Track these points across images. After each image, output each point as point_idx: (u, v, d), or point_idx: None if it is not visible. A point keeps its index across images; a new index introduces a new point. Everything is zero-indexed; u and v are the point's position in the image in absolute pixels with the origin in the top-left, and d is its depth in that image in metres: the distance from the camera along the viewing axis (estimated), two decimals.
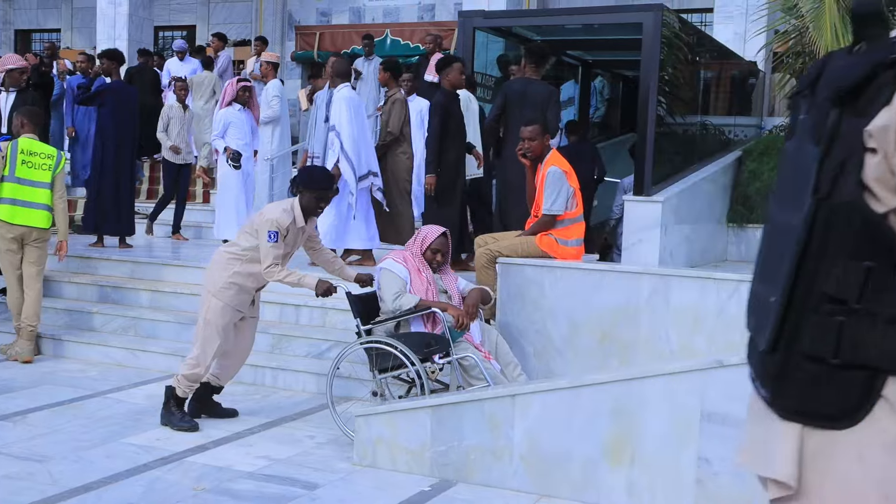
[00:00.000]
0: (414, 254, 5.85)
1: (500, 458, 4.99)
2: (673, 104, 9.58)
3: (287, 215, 5.70)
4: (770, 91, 13.16)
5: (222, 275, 5.77)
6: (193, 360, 5.84)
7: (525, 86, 8.18)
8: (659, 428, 4.64)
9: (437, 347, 5.56)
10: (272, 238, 5.62)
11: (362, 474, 5.18)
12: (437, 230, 5.93)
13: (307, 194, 5.74)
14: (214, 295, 5.77)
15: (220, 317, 5.78)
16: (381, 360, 5.61)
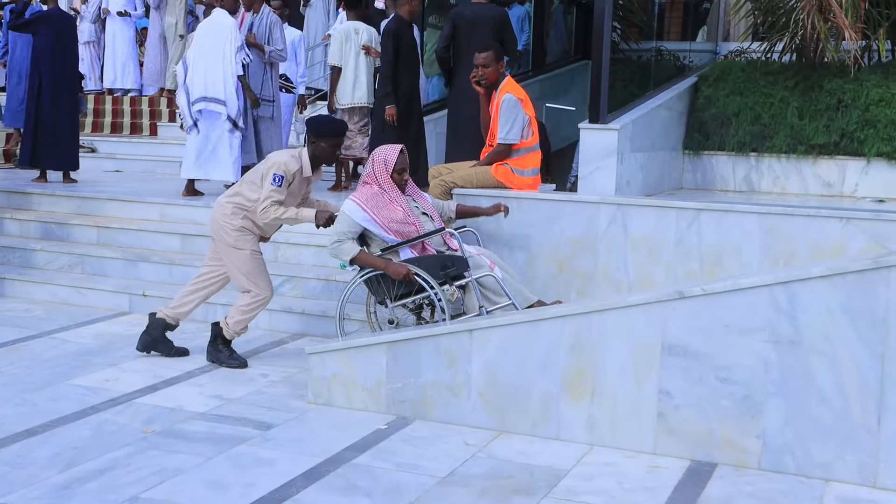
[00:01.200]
0: (382, 182, 5.53)
1: (457, 395, 4.90)
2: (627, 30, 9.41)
3: (295, 161, 5.55)
4: (725, 16, 12.98)
5: (231, 223, 5.62)
6: (246, 306, 5.75)
7: (474, 11, 7.96)
8: (619, 361, 4.57)
9: (454, 269, 5.39)
10: (276, 181, 5.47)
11: (317, 413, 5.07)
12: (395, 148, 5.62)
13: (322, 143, 5.57)
14: (235, 247, 5.64)
15: (253, 262, 5.70)
16: (395, 286, 5.43)
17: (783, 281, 4.23)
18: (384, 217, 5.45)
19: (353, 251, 5.42)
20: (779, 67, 10.08)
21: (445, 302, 5.31)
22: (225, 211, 5.65)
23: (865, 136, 9.36)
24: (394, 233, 5.45)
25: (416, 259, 5.43)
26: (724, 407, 4.39)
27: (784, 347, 4.26)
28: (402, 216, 5.46)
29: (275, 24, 8.47)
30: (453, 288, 5.37)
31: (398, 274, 5.33)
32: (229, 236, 5.64)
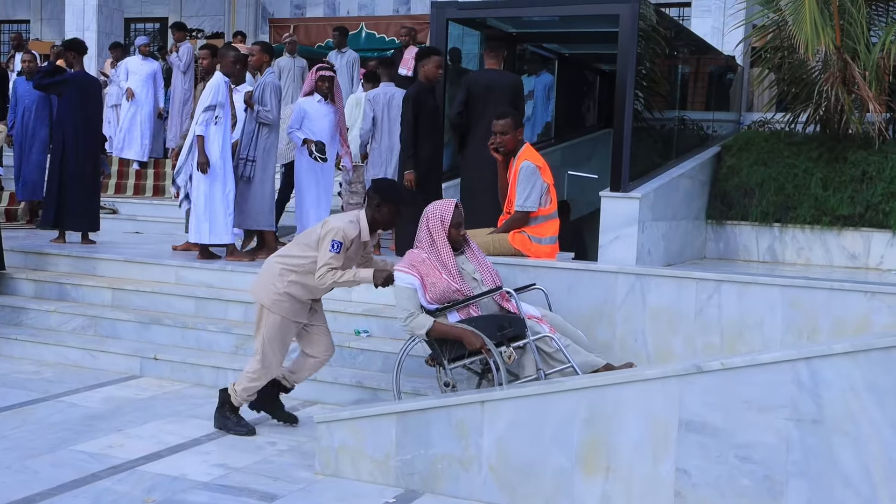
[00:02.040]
0: (436, 238, 5.35)
1: (468, 468, 4.75)
2: (650, 99, 9.36)
3: (353, 227, 5.42)
4: (748, 86, 12.98)
5: (276, 286, 5.51)
6: (253, 373, 5.63)
7: (490, 78, 7.95)
8: (635, 437, 4.42)
9: (511, 329, 5.21)
10: (335, 248, 5.34)
11: (324, 484, 4.92)
12: (449, 203, 5.45)
13: (385, 207, 5.44)
14: (269, 308, 5.53)
15: (278, 330, 5.56)
16: (451, 347, 5.29)
17: (806, 357, 4.09)
18: (428, 280, 5.30)
19: (427, 324, 5.24)
20: (802, 138, 10.02)
21: (502, 364, 5.13)
22: (273, 270, 5.53)
23: (891, 209, 9.24)
24: (433, 299, 5.32)
25: (470, 320, 5.27)
26: (744, 487, 4.21)
27: (806, 426, 4.10)
28: (445, 285, 5.30)
29: (268, 85, 8.51)
30: (510, 349, 5.17)
31: (474, 344, 5.16)
32: (268, 297, 5.51)
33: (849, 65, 9.23)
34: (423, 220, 5.46)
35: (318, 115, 8.78)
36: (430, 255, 5.36)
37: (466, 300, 5.32)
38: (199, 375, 6.89)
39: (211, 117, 8.17)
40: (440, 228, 5.38)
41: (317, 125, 8.74)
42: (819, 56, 9.34)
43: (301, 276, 5.47)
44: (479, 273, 5.50)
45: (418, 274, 5.30)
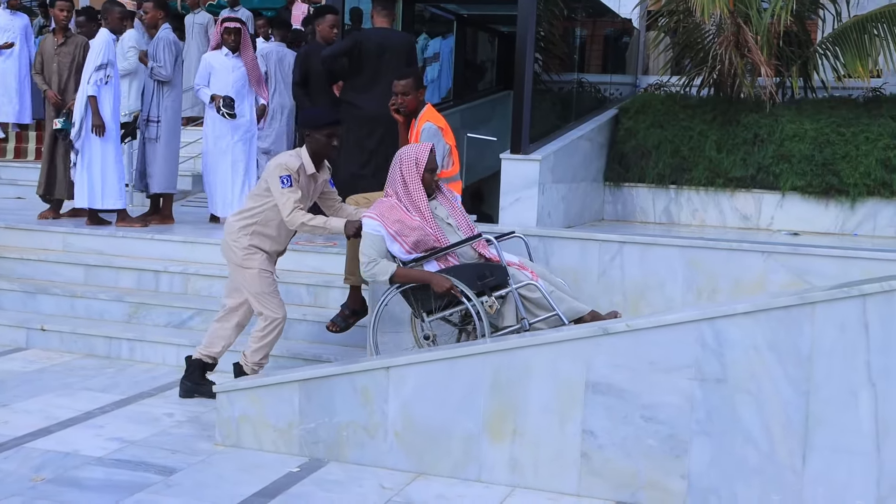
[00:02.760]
0: (409, 182, 5.10)
1: (373, 435, 4.68)
2: (549, 61, 9.35)
3: (294, 159, 5.25)
4: (644, 49, 13.10)
5: (239, 241, 5.35)
6: (262, 331, 5.43)
7: (382, 35, 7.60)
8: (542, 400, 4.41)
9: (493, 278, 4.99)
10: (286, 182, 5.16)
11: (225, 455, 4.78)
12: (425, 146, 5.22)
13: (315, 135, 5.27)
14: (241, 265, 5.36)
15: (261, 281, 5.37)
16: (428, 300, 5.05)
17: (709, 317, 4.12)
18: (400, 230, 5.06)
19: (389, 269, 5.01)
20: (697, 101, 10.15)
21: (484, 314, 4.93)
22: (232, 229, 5.38)
23: (781, 171, 9.45)
24: (411, 246, 5.08)
25: (449, 269, 5.04)
26: (649, 446, 4.25)
27: (710, 385, 4.15)
28: (420, 231, 5.05)
29: (161, 41, 8.21)
30: (492, 299, 4.94)
31: (442, 286, 4.92)
32: (236, 255, 5.36)
33: (741, 29, 9.36)
34: (396, 163, 5.21)
35: (225, 69, 8.37)
36: (402, 200, 5.13)
37: (444, 249, 5.08)
38: (91, 346, 6.63)
39: (103, 77, 7.81)
40: (414, 171, 5.14)
41: (224, 80, 8.32)
42: (713, 20, 9.45)
43: (262, 226, 5.34)
44: (454, 218, 5.29)
45: (386, 224, 5.05)
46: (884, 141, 9.24)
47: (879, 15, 9.59)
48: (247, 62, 8.42)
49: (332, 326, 5.98)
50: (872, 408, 3.96)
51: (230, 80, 8.32)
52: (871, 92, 10.24)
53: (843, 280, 4.65)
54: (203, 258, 7.41)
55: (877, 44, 9.58)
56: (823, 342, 4.01)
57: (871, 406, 3.97)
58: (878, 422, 3.96)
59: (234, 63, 8.38)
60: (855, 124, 9.42)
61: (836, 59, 9.96)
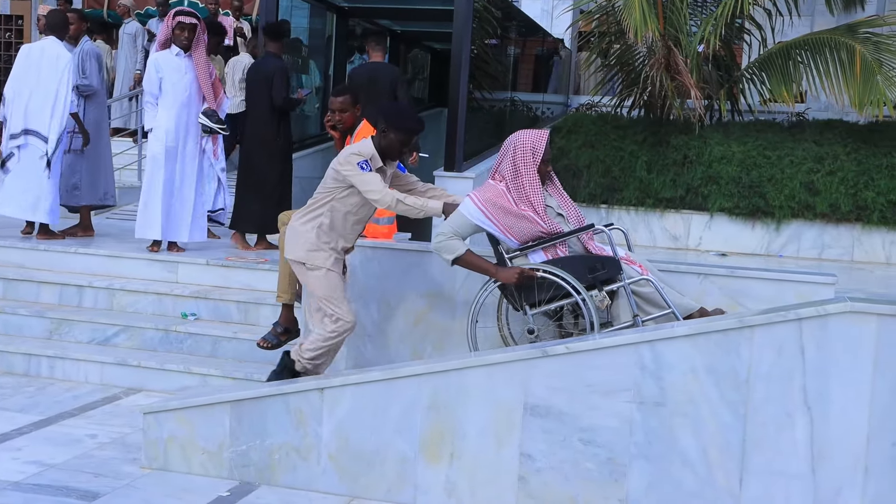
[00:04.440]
0: (525, 172, 4.77)
1: (306, 458, 4.57)
2: (482, 79, 9.37)
3: (367, 147, 4.91)
4: (576, 70, 13.23)
5: (307, 240, 4.97)
6: (330, 333, 4.97)
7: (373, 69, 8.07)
8: (479, 422, 4.34)
9: (604, 272, 4.69)
10: (366, 167, 4.80)
11: (151, 479, 4.62)
12: (542, 134, 4.88)
13: (391, 134, 4.92)
14: (308, 266, 4.97)
15: (328, 283, 4.96)
16: (535, 291, 4.71)
17: (649, 340, 4.11)
18: (507, 222, 4.76)
19: (458, 250, 4.74)
20: (628, 122, 10.29)
21: (593, 308, 4.64)
22: (298, 232, 5.01)
23: (709, 192, 9.61)
24: (517, 237, 4.79)
25: (557, 261, 4.73)
26: (588, 470, 4.22)
27: (649, 408, 4.14)
28: (529, 224, 4.74)
29: (87, 53, 7.95)
30: (603, 294, 4.67)
31: (509, 279, 4.67)
32: (302, 251, 4.97)
33: (672, 52, 9.52)
34: (509, 149, 4.86)
35: (177, 71, 7.35)
36: (510, 189, 4.81)
37: (552, 239, 4.77)
38: (9, 363, 6.38)
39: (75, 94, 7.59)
40: (530, 160, 4.79)
41: (177, 84, 7.34)
42: (645, 42, 9.58)
43: (329, 220, 4.97)
44: (564, 209, 4.96)
45: (492, 213, 4.75)
46: (807, 165, 9.47)
47: (802, 42, 9.85)
48: (199, 64, 7.43)
49: (264, 343, 5.84)
50: (808, 431, 3.99)
51: (184, 84, 7.36)
52: (795, 116, 10.50)
53: (778, 303, 4.69)
54: (129, 273, 7.21)
55: (800, 70, 9.84)
56: (761, 366, 4.02)
57: (807, 429, 3.99)
58: (814, 445, 3.99)
59: (187, 64, 7.38)
60: (780, 148, 9.64)
61: (762, 84, 10.20)
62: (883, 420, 3.91)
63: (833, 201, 9.30)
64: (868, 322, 3.91)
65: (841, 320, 3.94)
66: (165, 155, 7.30)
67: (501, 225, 4.77)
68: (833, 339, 3.95)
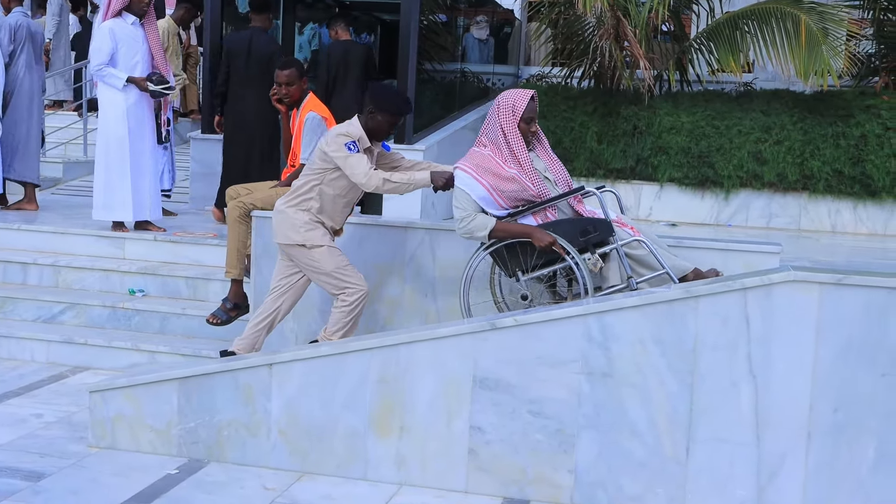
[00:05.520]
0: (507, 132, 4.71)
1: (256, 434, 4.54)
2: (432, 51, 9.31)
3: (356, 129, 4.86)
4: (526, 40, 13.19)
5: (299, 220, 4.92)
6: (347, 306, 4.93)
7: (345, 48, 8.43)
8: (428, 395, 4.35)
9: (597, 234, 4.63)
10: (353, 148, 4.76)
11: (99, 458, 4.57)
12: (525, 93, 4.78)
13: (380, 116, 4.86)
14: (308, 244, 4.91)
15: (332, 256, 4.93)
16: (524, 257, 4.68)
17: (597, 311, 4.14)
18: (497, 184, 4.68)
19: (488, 224, 4.65)
20: (578, 93, 10.28)
21: (586, 272, 4.59)
22: (287, 214, 4.96)
23: (659, 162, 9.67)
24: (506, 201, 4.72)
25: (548, 224, 4.67)
26: (537, 441, 4.24)
27: (597, 379, 4.17)
28: (517, 185, 4.66)
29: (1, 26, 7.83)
30: (595, 256, 4.60)
31: (543, 241, 4.56)
32: (298, 233, 4.92)
33: (621, 22, 9.51)
34: (493, 110, 4.82)
35: (135, 42, 7.13)
36: (500, 149, 4.75)
37: (544, 202, 4.72)
38: None
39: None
40: (510, 118, 4.74)
41: (134, 56, 7.12)
42: (594, 12, 9.57)
43: (318, 202, 4.94)
44: (552, 172, 4.89)
45: (480, 177, 4.69)
46: (755, 134, 9.55)
47: (750, 12, 9.89)
48: (151, 33, 7.25)
49: (213, 319, 5.80)
50: (753, 399, 4.04)
51: (141, 54, 7.14)
52: (743, 86, 10.56)
53: (725, 273, 4.74)
54: (75, 249, 7.10)
55: (748, 40, 9.89)
56: (707, 335, 4.07)
57: (751, 397, 4.05)
58: (759, 413, 4.04)
59: (142, 34, 7.17)
60: (728, 118, 9.71)
61: (710, 54, 10.24)
62: (825, 387, 3.98)
63: (780, 171, 9.40)
64: (810, 291, 3.96)
65: (784, 289, 3.99)
66: (130, 136, 7.10)
67: (492, 187, 4.70)
68: (777, 308, 4.00)
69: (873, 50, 10.66)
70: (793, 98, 9.91)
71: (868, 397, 3.95)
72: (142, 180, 7.19)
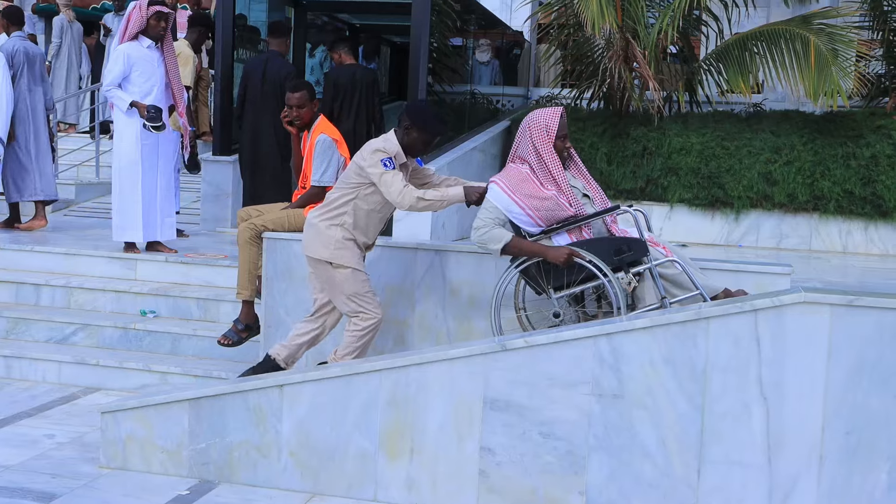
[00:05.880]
0: (542, 152, 4.70)
1: (266, 455, 4.55)
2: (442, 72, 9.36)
3: (392, 144, 4.86)
4: (536, 62, 13.24)
5: (332, 236, 4.91)
6: (361, 331, 4.94)
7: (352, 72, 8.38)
8: (439, 417, 4.35)
9: (631, 253, 4.59)
10: (389, 165, 4.76)
11: (110, 479, 4.58)
12: (555, 111, 4.80)
13: (415, 133, 4.87)
14: (335, 263, 4.90)
15: (356, 279, 4.92)
16: (559, 274, 4.65)
17: (607, 333, 4.14)
18: (534, 205, 4.67)
19: (503, 238, 4.65)
20: (588, 114, 10.30)
21: (620, 291, 4.53)
22: (320, 228, 4.96)
23: (668, 183, 9.67)
24: (543, 221, 4.71)
25: (583, 243, 4.66)
26: (548, 463, 4.24)
27: (607, 401, 4.16)
28: (554, 204, 4.66)
29: None
30: (629, 276, 4.58)
31: (559, 258, 4.56)
32: (327, 250, 4.91)
33: (630, 44, 9.55)
34: (525, 131, 4.81)
35: (150, 65, 7.18)
36: (535, 170, 4.73)
37: (578, 220, 4.69)
38: None
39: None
40: (545, 138, 4.73)
41: (150, 79, 7.18)
42: (603, 34, 9.60)
43: (353, 217, 4.93)
44: (590, 191, 4.88)
45: (518, 195, 4.68)
46: (765, 155, 9.54)
47: (759, 34, 9.91)
48: (169, 57, 7.30)
49: (225, 340, 5.81)
50: (764, 421, 4.04)
51: (157, 77, 7.21)
52: (752, 107, 10.58)
53: None
54: (87, 271, 7.14)
55: (757, 61, 9.90)
56: (718, 357, 4.06)
57: (763, 419, 4.04)
58: (770, 435, 4.03)
59: (158, 57, 7.23)
60: (738, 138, 9.71)
61: (719, 75, 10.25)
62: (837, 409, 3.97)
63: (791, 191, 9.39)
64: (822, 312, 3.96)
65: (795, 311, 3.99)
66: (142, 158, 7.16)
67: (530, 208, 4.69)
68: (788, 329, 4.00)
69: (883, 70, 10.66)
70: (803, 119, 9.91)
71: (881, 419, 3.94)
72: (153, 202, 7.23)
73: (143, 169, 7.16)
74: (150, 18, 7.13)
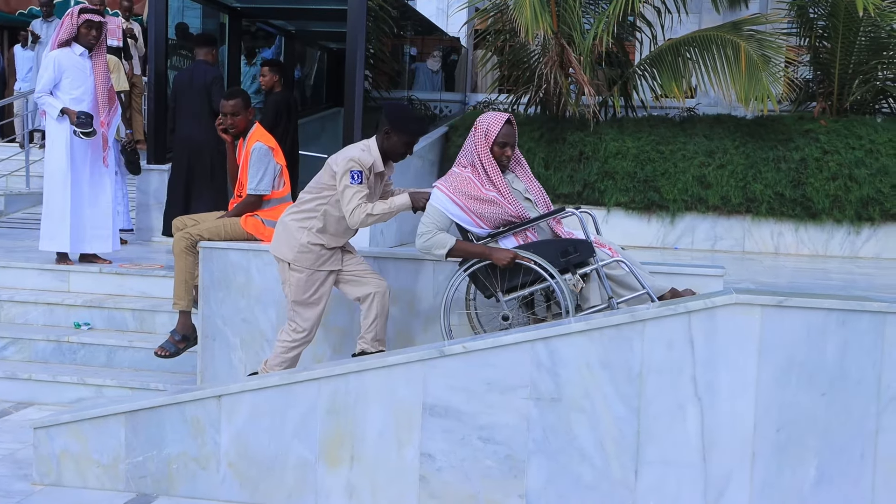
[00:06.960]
0: (480, 155, 4.74)
1: (205, 467, 4.51)
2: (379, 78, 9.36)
3: (367, 155, 4.78)
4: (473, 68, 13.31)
5: (297, 239, 4.86)
6: (289, 342, 4.94)
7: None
8: (378, 424, 4.35)
9: (577, 255, 4.65)
10: (356, 179, 4.71)
11: (44, 495, 4.50)
12: (500, 117, 4.81)
13: (395, 137, 4.82)
14: (292, 262, 4.87)
15: (306, 287, 4.89)
16: (507, 277, 4.68)
17: (544, 337, 4.18)
18: (476, 209, 4.72)
19: (447, 243, 4.68)
20: (525, 119, 10.37)
21: (568, 293, 4.57)
22: (290, 228, 4.92)
23: (605, 187, 9.77)
24: (485, 222, 4.76)
25: (529, 245, 4.70)
26: (488, 467, 4.26)
27: (545, 405, 4.20)
28: (497, 208, 4.70)
29: None
30: (576, 277, 4.61)
31: (503, 260, 4.59)
32: (291, 251, 4.90)
33: (565, 50, 9.64)
34: (471, 132, 4.88)
35: (82, 72, 7.12)
36: (478, 172, 4.77)
37: (525, 223, 4.74)
38: None
39: None
40: (483, 143, 4.76)
41: (81, 86, 7.10)
42: (538, 40, 9.68)
43: (321, 219, 4.89)
44: (532, 194, 4.93)
45: (457, 198, 4.72)
46: (699, 159, 9.70)
47: (691, 39, 10.08)
48: (98, 66, 7.21)
49: (162, 352, 5.74)
50: (699, 421, 4.11)
51: (88, 86, 7.13)
52: (686, 112, 10.74)
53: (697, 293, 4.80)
54: (17, 283, 7.00)
55: (690, 66, 10.06)
56: (653, 359, 4.12)
57: (697, 419, 4.11)
58: (705, 434, 4.11)
59: (90, 65, 7.15)
60: (672, 142, 9.85)
61: (653, 80, 10.40)
62: (768, 407, 4.05)
63: (724, 194, 9.56)
64: (753, 313, 4.04)
65: (727, 312, 4.07)
66: (71, 166, 7.02)
67: (471, 212, 4.74)
68: (720, 330, 4.08)
69: (810, 76, 10.91)
70: (735, 123, 10.10)
71: (809, 416, 4.03)
72: (83, 212, 7.11)
73: (72, 178, 7.03)
74: (80, 27, 7.08)
